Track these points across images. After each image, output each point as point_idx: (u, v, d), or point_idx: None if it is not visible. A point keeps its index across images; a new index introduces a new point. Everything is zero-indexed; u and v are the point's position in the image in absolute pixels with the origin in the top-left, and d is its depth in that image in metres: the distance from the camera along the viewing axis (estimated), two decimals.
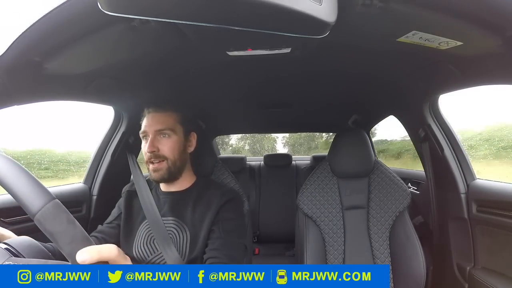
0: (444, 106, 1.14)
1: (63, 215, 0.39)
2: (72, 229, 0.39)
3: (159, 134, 0.78)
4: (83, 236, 0.39)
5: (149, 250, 0.77)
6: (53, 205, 0.38)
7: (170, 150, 0.78)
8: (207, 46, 0.73)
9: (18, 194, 0.38)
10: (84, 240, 0.39)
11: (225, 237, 0.74)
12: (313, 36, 0.49)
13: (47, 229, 0.38)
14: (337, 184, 1.18)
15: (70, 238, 0.38)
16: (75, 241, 0.38)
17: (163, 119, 0.79)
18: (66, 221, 0.39)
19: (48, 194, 0.39)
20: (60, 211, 0.39)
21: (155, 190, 0.86)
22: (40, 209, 0.38)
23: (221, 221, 0.76)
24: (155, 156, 0.77)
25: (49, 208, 0.38)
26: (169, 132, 0.79)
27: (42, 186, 0.39)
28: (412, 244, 1.04)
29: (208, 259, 0.72)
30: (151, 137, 0.78)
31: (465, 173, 1.11)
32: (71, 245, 0.38)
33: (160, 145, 0.78)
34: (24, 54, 0.59)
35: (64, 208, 0.39)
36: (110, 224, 0.84)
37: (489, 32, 0.57)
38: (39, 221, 0.38)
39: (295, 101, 1.47)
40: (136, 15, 0.45)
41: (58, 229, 0.38)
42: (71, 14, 0.52)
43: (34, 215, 0.37)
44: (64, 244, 0.38)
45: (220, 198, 0.79)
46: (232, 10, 0.43)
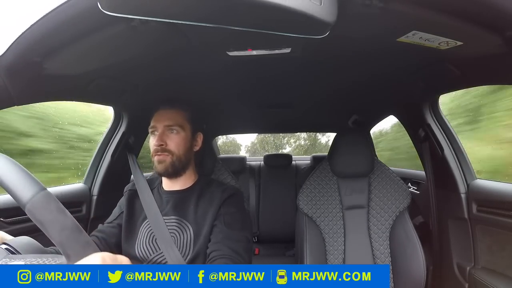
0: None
1: (53, 204, 0.39)
2: (63, 218, 0.39)
3: (168, 129, 0.80)
4: (74, 224, 0.39)
5: (151, 249, 0.77)
6: (43, 195, 0.39)
7: (176, 146, 0.80)
8: (207, 46, 0.73)
9: (9, 185, 0.39)
10: (75, 229, 0.39)
11: (227, 230, 0.75)
12: (313, 36, 0.49)
13: (37, 218, 0.38)
14: (337, 184, 1.18)
15: (60, 226, 0.38)
16: (65, 229, 0.38)
17: (173, 116, 0.81)
18: (56, 210, 0.39)
19: (38, 184, 0.39)
20: (50, 200, 0.39)
21: (158, 189, 0.86)
22: (30, 199, 0.38)
23: (223, 215, 0.77)
24: (162, 150, 0.79)
25: (39, 198, 0.38)
26: (178, 128, 0.81)
27: (32, 177, 0.40)
28: (412, 244, 1.04)
29: (211, 252, 0.72)
30: (160, 131, 0.80)
31: (465, 173, 1.11)
32: (61, 233, 0.38)
33: (168, 139, 0.80)
34: (24, 54, 0.59)
35: (54, 198, 0.40)
36: (110, 223, 0.84)
37: (489, 32, 0.57)
38: (29, 211, 0.38)
39: (295, 101, 1.47)
40: (136, 15, 0.45)
41: (48, 217, 0.38)
42: (71, 14, 0.52)
43: (25, 206, 0.38)
44: (54, 233, 0.38)
45: (222, 194, 0.80)
46: (232, 10, 0.43)
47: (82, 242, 0.40)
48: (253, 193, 2.26)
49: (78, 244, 0.39)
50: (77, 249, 0.39)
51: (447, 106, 1.85)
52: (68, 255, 0.39)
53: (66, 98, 0.92)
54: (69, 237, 0.38)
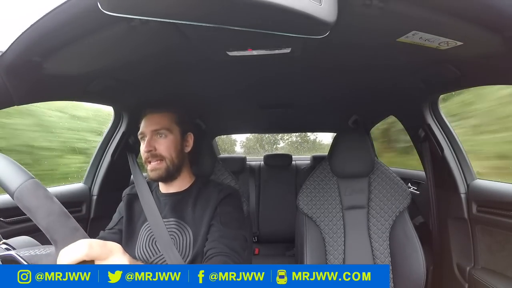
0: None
1: (40, 191, 0.39)
2: (50, 203, 0.39)
3: (156, 134, 0.80)
4: (61, 210, 0.40)
5: (151, 252, 0.77)
6: (31, 183, 0.39)
7: (166, 150, 0.80)
8: (207, 46, 0.73)
9: None
10: (62, 214, 0.39)
11: (224, 228, 0.75)
12: (313, 36, 0.49)
13: (25, 205, 0.38)
14: (337, 184, 1.18)
15: (46, 211, 0.38)
16: (52, 214, 0.39)
17: (159, 120, 0.81)
18: (43, 197, 0.39)
19: (26, 174, 0.40)
20: (38, 188, 0.39)
21: (155, 192, 0.86)
22: (18, 187, 0.38)
23: (220, 215, 0.77)
24: (152, 155, 0.78)
25: (27, 185, 0.39)
26: (165, 131, 0.80)
27: (20, 167, 0.40)
28: (412, 244, 1.04)
29: (208, 250, 0.72)
30: (148, 137, 0.79)
31: (465, 173, 1.11)
32: (47, 218, 0.38)
33: (157, 144, 0.79)
34: (24, 54, 0.59)
35: (42, 186, 0.40)
36: (111, 230, 0.84)
37: (489, 32, 0.57)
38: (17, 198, 0.38)
39: (295, 101, 1.47)
40: (136, 15, 0.45)
41: (35, 204, 0.38)
42: (71, 14, 0.52)
43: (13, 193, 0.38)
44: (41, 218, 0.38)
45: (218, 194, 0.80)
46: (232, 10, 0.43)
47: (69, 228, 0.40)
48: (253, 193, 2.25)
49: (65, 229, 0.39)
50: (64, 234, 0.39)
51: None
52: (55, 240, 0.39)
53: (66, 98, 0.92)
54: (55, 222, 0.38)
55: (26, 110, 1.56)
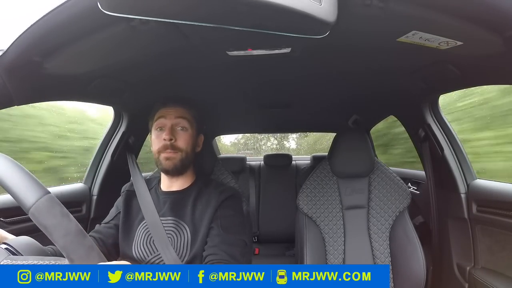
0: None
1: (57, 209, 0.39)
2: (67, 222, 0.39)
3: (177, 125, 0.81)
4: (78, 229, 0.40)
5: (148, 251, 0.77)
6: (47, 199, 0.39)
7: (185, 143, 0.80)
8: (207, 46, 0.73)
9: (13, 189, 0.39)
10: (79, 233, 0.40)
11: (224, 234, 0.74)
12: (313, 36, 0.49)
13: (41, 223, 0.38)
14: (337, 184, 1.18)
15: (64, 231, 0.38)
16: (70, 234, 0.39)
17: (182, 113, 0.82)
18: (60, 215, 0.39)
19: (42, 188, 0.39)
20: (54, 205, 0.39)
21: (155, 190, 0.86)
22: (34, 203, 0.38)
23: (220, 218, 0.77)
24: (171, 145, 0.78)
25: (43, 202, 0.38)
26: (186, 125, 0.81)
27: (36, 180, 0.40)
28: (412, 244, 1.04)
29: (207, 256, 0.71)
30: (169, 126, 0.79)
31: (465, 173, 1.11)
32: (65, 238, 0.38)
33: (177, 136, 0.80)
34: (24, 54, 0.59)
35: (58, 202, 0.40)
36: (107, 224, 0.84)
37: (489, 32, 0.57)
38: (33, 215, 0.38)
39: (295, 101, 1.47)
40: (136, 15, 0.45)
41: (52, 222, 0.38)
42: (71, 14, 0.52)
43: (29, 209, 0.38)
44: (58, 237, 0.38)
45: (219, 196, 0.80)
46: (232, 10, 0.43)
47: (85, 247, 0.40)
48: (253, 193, 2.26)
49: (82, 249, 0.40)
50: (80, 253, 0.39)
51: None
52: (71, 259, 0.39)
53: (66, 98, 0.92)
54: (73, 241, 0.39)
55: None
